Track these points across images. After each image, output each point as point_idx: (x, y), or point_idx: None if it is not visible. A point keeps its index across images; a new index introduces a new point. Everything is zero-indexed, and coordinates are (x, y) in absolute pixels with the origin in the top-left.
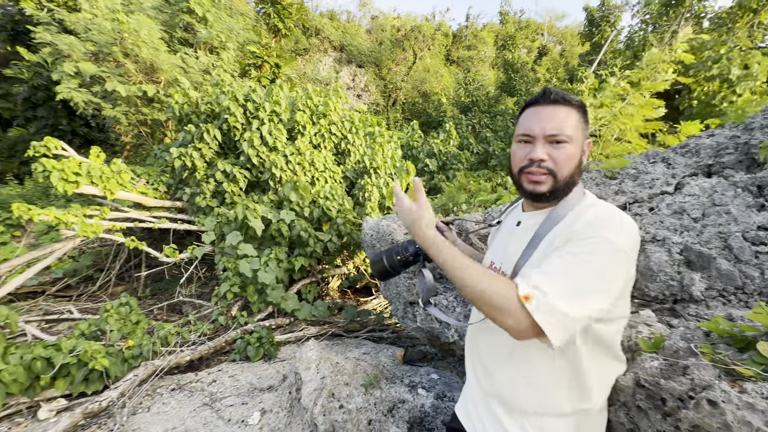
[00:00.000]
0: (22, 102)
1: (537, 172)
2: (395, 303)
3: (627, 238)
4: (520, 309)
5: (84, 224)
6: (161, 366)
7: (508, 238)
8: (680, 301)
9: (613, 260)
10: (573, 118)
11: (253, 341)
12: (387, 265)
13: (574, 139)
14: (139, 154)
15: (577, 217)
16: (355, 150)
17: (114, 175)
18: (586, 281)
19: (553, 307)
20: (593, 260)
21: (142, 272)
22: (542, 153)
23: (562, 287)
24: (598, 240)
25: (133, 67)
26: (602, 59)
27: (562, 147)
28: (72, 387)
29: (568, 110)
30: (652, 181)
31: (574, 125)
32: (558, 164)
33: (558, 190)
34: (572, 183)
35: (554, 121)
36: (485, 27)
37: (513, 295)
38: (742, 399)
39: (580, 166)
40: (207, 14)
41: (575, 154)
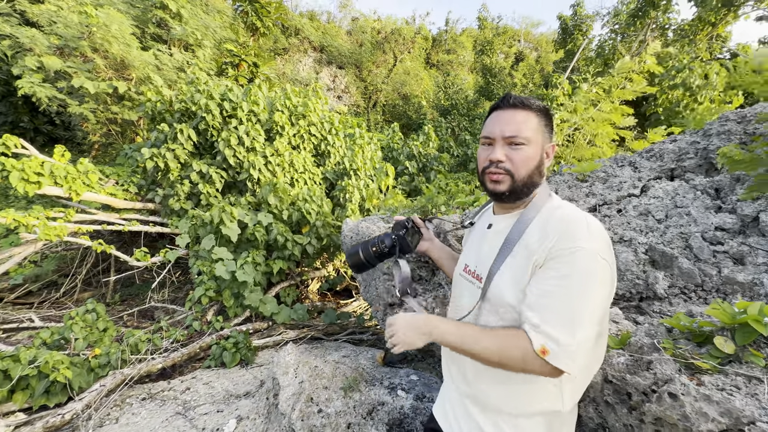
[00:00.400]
0: None
1: (496, 173)
2: (375, 305)
3: (600, 242)
4: (541, 362)
5: (46, 227)
6: (131, 375)
7: (481, 240)
8: (645, 299)
9: (595, 269)
10: (532, 121)
11: (229, 347)
12: (363, 258)
13: (533, 141)
14: (108, 154)
15: (546, 220)
16: (335, 151)
17: (80, 175)
18: (585, 308)
19: (569, 350)
20: (579, 278)
21: (111, 277)
22: (500, 154)
23: (570, 328)
24: (577, 253)
25: (102, 63)
26: (575, 66)
27: (520, 149)
28: (32, 400)
29: (528, 114)
30: (620, 184)
31: (532, 128)
32: (515, 165)
33: (517, 189)
34: (532, 184)
35: (512, 124)
36: (464, 32)
37: (530, 352)
38: (700, 391)
39: (539, 168)
40: (181, 10)
41: (533, 156)
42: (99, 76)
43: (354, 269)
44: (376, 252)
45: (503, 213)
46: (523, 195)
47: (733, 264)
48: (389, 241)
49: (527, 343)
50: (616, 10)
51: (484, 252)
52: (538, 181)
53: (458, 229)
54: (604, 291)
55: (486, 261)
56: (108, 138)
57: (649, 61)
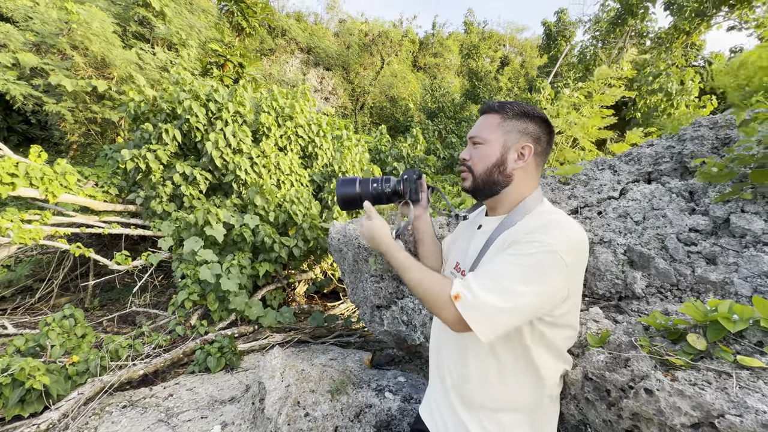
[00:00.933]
0: None
1: (462, 170)
2: (362, 307)
3: (566, 243)
4: (451, 306)
5: (21, 230)
6: (110, 382)
7: (470, 239)
8: (624, 298)
9: (546, 261)
10: (493, 122)
11: (213, 351)
12: (358, 192)
13: (490, 140)
14: (87, 155)
15: (529, 222)
16: (323, 153)
17: (57, 176)
18: (515, 281)
19: (480, 306)
20: (526, 261)
21: (90, 281)
22: (465, 154)
23: (491, 287)
24: (536, 243)
25: (82, 61)
26: (558, 71)
27: (478, 148)
28: (5, 410)
29: (491, 116)
30: (600, 187)
31: (491, 128)
32: (473, 162)
33: (477, 186)
34: (493, 182)
35: (475, 128)
36: (451, 36)
37: (446, 294)
38: (674, 386)
39: (500, 166)
40: (165, 9)
41: (489, 154)
42: (78, 74)
43: (341, 203)
44: (376, 191)
45: (493, 215)
46: (488, 192)
47: (705, 264)
48: (394, 184)
49: (448, 286)
50: (597, 18)
51: (470, 251)
52: (500, 179)
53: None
54: (549, 286)
55: (471, 259)
56: (87, 138)
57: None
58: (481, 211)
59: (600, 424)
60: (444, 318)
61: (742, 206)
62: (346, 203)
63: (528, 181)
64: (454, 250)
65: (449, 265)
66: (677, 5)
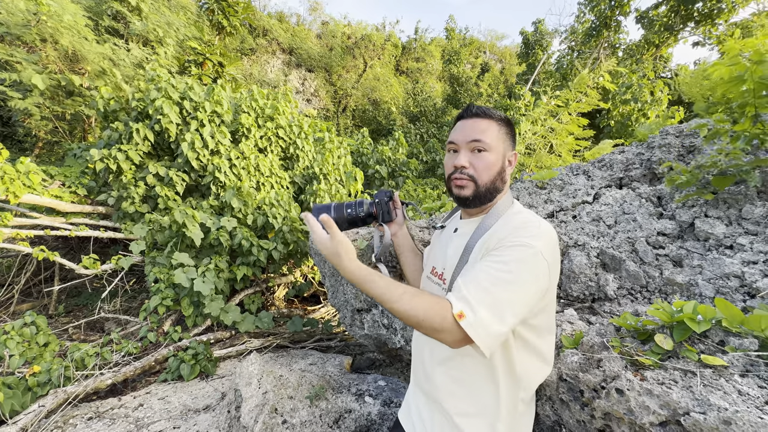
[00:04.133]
0: None
1: (460, 178)
2: (343, 311)
3: (545, 241)
4: (456, 326)
5: None
6: (75, 393)
7: (447, 243)
8: (597, 300)
9: (531, 262)
10: (493, 129)
11: (187, 358)
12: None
13: (494, 148)
14: (54, 153)
15: (505, 224)
16: (304, 155)
17: (20, 175)
18: (507, 289)
19: (484, 321)
20: (512, 267)
21: (55, 287)
22: (464, 160)
23: (489, 302)
24: (519, 246)
25: (52, 55)
26: (536, 79)
27: (482, 155)
28: None
29: (489, 122)
30: (575, 192)
31: (494, 135)
32: (478, 171)
33: (480, 195)
34: (494, 189)
35: (474, 131)
36: (433, 41)
37: (448, 315)
38: (643, 386)
39: (501, 174)
40: (141, 4)
41: (495, 162)
42: (47, 68)
43: None
44: (351, 216)
45: (468, 218)
46: (487, 200)
47: (672, 266)
48: (368, 207)
49: (448, 307)
50: (573, 28)
51: (449, 254)
52: (500, 186)
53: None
54: (536, 286)
55: (450, 262)
56: (54, 135)
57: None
58: (454, 216)
59: (574, 424)
60: (445, 339)
61: (705, 211)
62: None
63: (507, 184)
64: (431, 257)
65: (425, 271)
66: (648, 19)
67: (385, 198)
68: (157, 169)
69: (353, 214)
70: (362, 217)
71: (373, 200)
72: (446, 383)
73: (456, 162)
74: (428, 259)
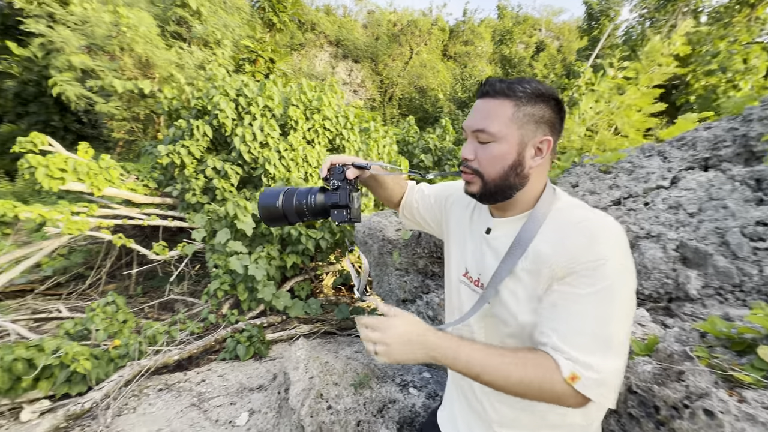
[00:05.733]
0: (13, 97)
1: (465, 172)
2: (388, 300)
3: (624, 249)
4: (571, 391)
5: (69, 222)
6: (147, 366)
7: (481, 246)
8: (675, 300)
9: (622, 279)
10: (505, 112)
11: (243, 340)
12: (281, 208)
13: (503, 137)
14: (132, 151)
15: (558, 226)
16: (350, 146)
17: (102, 171)
18: (615, 328)
19: (602, 379)
20: (607, 293)
21: (132, 270)
22: (468, 152)
23: (602, 351)
24: (603, 267)
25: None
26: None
27: (488, 146)
28: (55, 388)
29: (502, 103)
30: (648, 175)
31: (504, 121)
32: (482, 165)
33: (489, 192)
34: (508, 186)
35: (478, 118)
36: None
37: (559, 380)
38: (742, 409)
39: (516, 168)
40: (201, 8)
41: (505, 154)
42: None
43: (265, 220)
44: (300, 206)
45: (502, 216)
46: (500, 197)
47: None
48: (324, 199)
49: (555, 370)
50: None
51: (487, 261)
52: (516, 182)
53: None
54: (632, 299)
55: (489, 269)
56: (131, 135)
57: (679, 42)
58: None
59: None
60: (566, 404)
61: None
62: (271, 218)
63: (542, 177)
64: (459, 251)
65: (454, 268)
66: None
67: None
68: (214, 162)
69: (303, 204)
70: (314, 209)
71: (329, 188)
72: (499, 397)
73: (461, 153)
74: (455, 252)
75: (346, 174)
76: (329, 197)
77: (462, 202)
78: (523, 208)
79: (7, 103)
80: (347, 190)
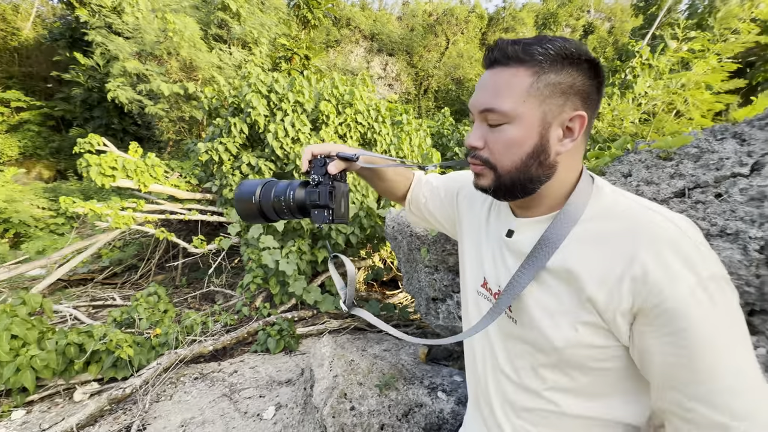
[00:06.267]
0: (80, 104)
1: (474, 164)
2: (418, 298)
3: (712, 254)
4: None
5: (117, 216)
6: (184, 355)
7: (501, 251)
8: (759, 313)
9: (735, 301)
10: (522, 83)
11: (273, 333)
12: (257, 202)
13: (520, 115)
14: (180, 150)
15: (604, 231)
16: (382, 139)
17: (148, 168)
18: (753, 366)
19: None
20: (736, 333)
21: (178, 262)
22: (475, 138)
23: (763, 406)
24: (708, 292)
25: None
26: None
27: (500, 130)
28: (103, 372)
29: (516, 72)
30: (720, 162)
31: (520, 95)
32: (494, 154)
33: (505, 186)
34: (530, 178)
35: (486, 94)
36: (524, 7)
37: None
38: None
39: (539, 155)
40: (240, 9)
41: (524, 138)
42: (170, 77)
43: (242, 216)
44: (278, 202)
45: (526, 216)
46: (519, 192)
47: None
48: (304, 194)
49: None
50: None
51: (509, 269)
52: (539, 173)
53: None
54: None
55: (513, 284)
56: (179, 135)
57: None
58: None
59: None
60: None
61: None
62: (247, 215)
63: (574, 164)
64: (472, 253)
65: (470, 278)
66: None
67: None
68: (249, 159)
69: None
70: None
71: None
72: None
73: (467, 140)
74: (470, 258)
75: (327, 168)
76: (308, 194)
77: (477, 197)
78: (553, 205)
79: (75, 109)
80: (328, 186)
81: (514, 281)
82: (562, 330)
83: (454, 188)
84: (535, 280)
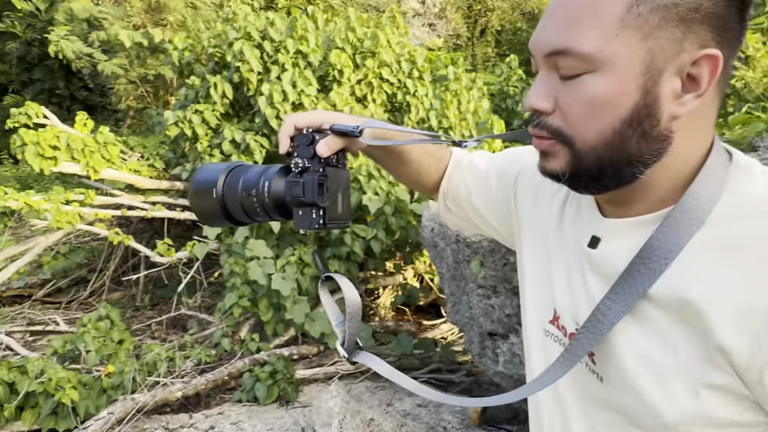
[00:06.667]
0: (17, 62)
1: (537, 136)
2: (468, 332)
3: None
4: None
5: (58, 212)
6: (143, 402)
7: (580, 269)
8: None
9: None
10: (614, 9)
11: (264, 377)
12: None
13: (611, 58)
14: (143, 122)
15: (759, 240)
16: (418, 102)
17: (99, 147)
18: None
19: None
20: None
21: (140, 274)
22: (539, 97)
23: None
24: None
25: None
26: None
27: (579, 83)
28: (40, 421)
29: None
30: None
31: (612, 26)
32: (569, 120)
33: (586, 172)
34: (627, 159)
35: (557, 23)
36: None
37: None
38: None
39: (646, 120)
40: None
41: (618, 95)
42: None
43: (200, 217)
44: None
45: (621, 216)
46: (613, 181)
47: None
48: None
49: None
50: None
51: (593, 297)
52: (644, 150)
53: None
54: None
55: (598, 319)
56: (141, 102)
57: None
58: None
59: None
60: None
61: None
62: (207, 216)
63: (700, 132)
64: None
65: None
66: None
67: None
68: (233, 133)
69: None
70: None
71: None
72: None
73: (527, 100)
74: (531, 281)
75: (316, 148)
76: (289, 187)
77: (544, 187)
78: (665, 198)
79: (11, 69)
80: (317, 175)
81: (598, 315)
82: (676, 396)
83: (511, 173)
84: (631, 315)
